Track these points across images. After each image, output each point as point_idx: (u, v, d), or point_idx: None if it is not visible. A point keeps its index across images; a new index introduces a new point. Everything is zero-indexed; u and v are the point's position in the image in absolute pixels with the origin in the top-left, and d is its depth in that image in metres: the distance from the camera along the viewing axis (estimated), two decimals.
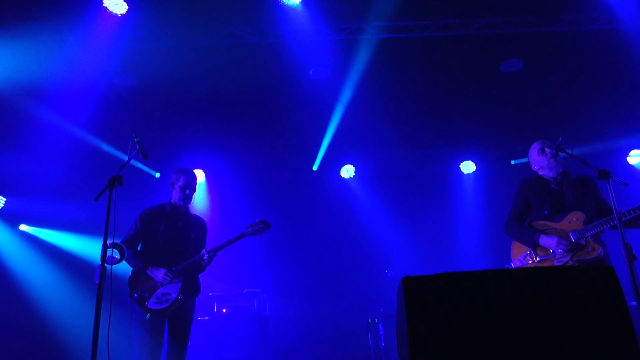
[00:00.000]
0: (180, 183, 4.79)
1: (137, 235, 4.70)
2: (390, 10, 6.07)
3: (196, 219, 4.94)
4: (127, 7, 5.65)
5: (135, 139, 4.07)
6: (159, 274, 4.49)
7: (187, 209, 4.89)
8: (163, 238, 4.65)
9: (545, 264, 4.12)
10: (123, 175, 3.75)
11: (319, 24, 6.00)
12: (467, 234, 8.68)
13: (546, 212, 4.28)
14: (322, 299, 8.27)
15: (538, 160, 4.43)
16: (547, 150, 4.33)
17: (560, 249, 4.05)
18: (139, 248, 4.72)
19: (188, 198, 4.82)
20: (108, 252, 3.60)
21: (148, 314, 4.34)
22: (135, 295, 4.43)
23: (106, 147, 7.65)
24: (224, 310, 6.87)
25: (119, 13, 5.66)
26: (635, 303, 4.35)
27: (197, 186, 4.95)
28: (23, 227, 8.27)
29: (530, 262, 4.22)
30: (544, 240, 4.13)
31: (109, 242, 3.67)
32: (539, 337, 2.30)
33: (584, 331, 2.32)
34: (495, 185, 8.51)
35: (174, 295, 4.41)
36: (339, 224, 8.81)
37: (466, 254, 8.45)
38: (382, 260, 8.11)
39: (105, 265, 3.50)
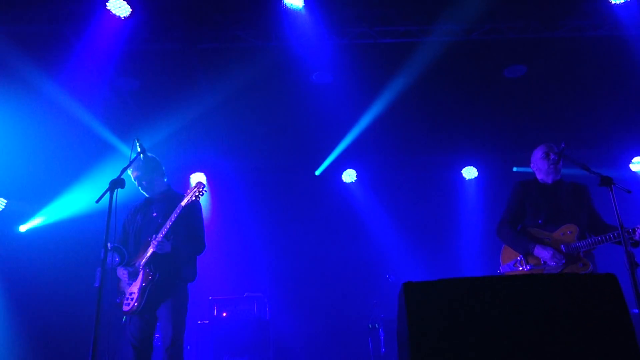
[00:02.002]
0: None
1: (122, 239, 4.53)
2: (394, 15, 6.08)
3: (174, 199, 4.44)
4: (131, 10, 5.65)
5: (137, 142, 4.05)
6: (120, 272, 4.30)
7: (168, 194, 4.55)
8: (134, 233, 4.44)
9: (534, 273, 4.09)
10: (125, 178, 3.75)
11: (322, 27, 6.00)
12: (468, 240, 8.66)
13: (540, 221, 4.22)
14: (322, 304, 8.26)
15: (539, 163, 4.39)
16: (551, 156, 4.29)
17: (554, 262, 4.01)
18: None
19: (143, 188, 4.51)
20: (108, 255, 3.60)
21: (124, 317, 4.18)
22: (117, 300, 4.26)
23: (109, 149, 7.63)
24: (224, 314, 6.86)
25: (122, 16, 5.67)
26: (637, 310, 4.35)
27: (140, 168, 4.44)
28: (23, 228, 8.27)
29: (520, 268, 4.18)
30: (538, 250, 4.08)
31: (109, 245, 3.67)
32: (540, 344, 2.29)
33: (586, 338, 2.30)
34: (497, 191, 8.47)
35: (137, 294, 4.13)
36: (340, 228, 8.80)
37: (468, 259, 8.43)
38: (383, 265, 8.10)
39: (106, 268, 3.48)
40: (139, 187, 4.52)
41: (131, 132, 7.19)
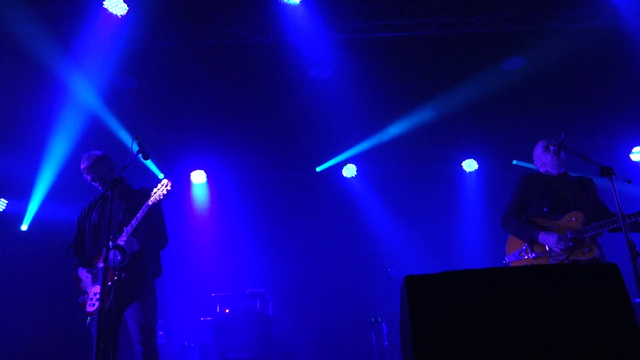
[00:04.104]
0: None
1: (78, 236, 4.45)
2: (391, 9, 6.07)
3: (133, 194, 4.30)
4: (128, 8, 5.64)
5: (136, 140, 4.04)
6: (82, 273, 4.20)
7: (126, 189, 4.29)
8: (91, 231, 4.33)
9: (540, 261, 4.11)
10: (125, 176, 3.74)
11: (319, 22, 5.99)
12: (470, 232, 8.67)
13: (545, 209, 4.26)
14: (325, 298, 8.26)
15: (542, 157, 4.42)
16: (551, 148, 4.32)
17: (559, 247, 4.03)
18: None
19: (100, 186, 4.40)
20: (110, 253, 3.59)
21: (88, 319, 4.07)
22: (79, 300, 4.17)
23: (108, 148, 7.62)
24: (227, 311, 6.87)
25: (119, 14, 5.66)
26: (639, 300, 4.35)
27: (93, 168, 4.33)
28: (24, 227, 8.30)
29: (525, 257, 4.20)
30: (543, 237, 4.09)
31: (110, 243, 3.66)
32: (543, 335, 2.29)
33: (588, 329, 2.31)
34: (497, 183, 8.49)
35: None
36: (341, 223, 8.80)
37: (469, 252, 8.43)
38: (385, 259, 8.09)
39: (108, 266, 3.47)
40: (93, 185, 4.42)
41: (130, 130, 7.22)
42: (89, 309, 4.09)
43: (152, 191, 4.14)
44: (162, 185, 4.13)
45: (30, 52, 5.99)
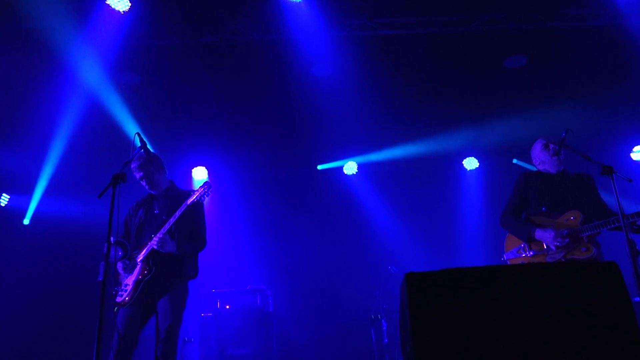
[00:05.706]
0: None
1: (124, 232, 4.56)
2: (393, 7, 6.07)
3: (178, 195, 4.49)
4: (130, 4, 5.64)
5: (138, 136, 4.06)
6: (118, 265, 4.32)
7: (171, 191, 4.58)
8: (136, 228, 4.46)
9: (538, 259, 4.12)
10: (127, 172, 3.76)
11: (321, 20, 5.99)
12: (470, 230, 8.67)
13: (544, 208, 4.26)
14: (325, 295, 8.28)
15: (540, 156, 4.43)
16: (551, 146, 4.32)
17: (556, 244, 4.03)
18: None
19: (147, 185, 4.52)
20: (111, 249, 3.61)
21: (115, 308, 4.17)
22: (113, 292, 4.28)
23: (110, 144, 7.64)
24: (227, 307, 6.88)
25: (121, 10, 5.66)
26: (638, 299, 4.36)
27: (143, 167, 4.45)
28: (27, 221, 8.32)
29: (523, 255, 4.22)
30: (539, 234, 4.11)
31: (112, 239, 3.68)
32: (543, 333, 2.30)
33: (588, 326, 2.31)
34: (498, 182, 8.47)
35: (130, 287, 4.16)
36: (341, 220, 8.81)
37: (469, 250, 8.44)
38: (385, 257, 8.09)
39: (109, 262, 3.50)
40: (141, 184, 4.54)
41: (132, 127, 7.23)
42: (117, 299, 4.20)
43: (192, 192, 4.31)
44: (202, 186, 4.30)
45: (31, 48, 6.00)
